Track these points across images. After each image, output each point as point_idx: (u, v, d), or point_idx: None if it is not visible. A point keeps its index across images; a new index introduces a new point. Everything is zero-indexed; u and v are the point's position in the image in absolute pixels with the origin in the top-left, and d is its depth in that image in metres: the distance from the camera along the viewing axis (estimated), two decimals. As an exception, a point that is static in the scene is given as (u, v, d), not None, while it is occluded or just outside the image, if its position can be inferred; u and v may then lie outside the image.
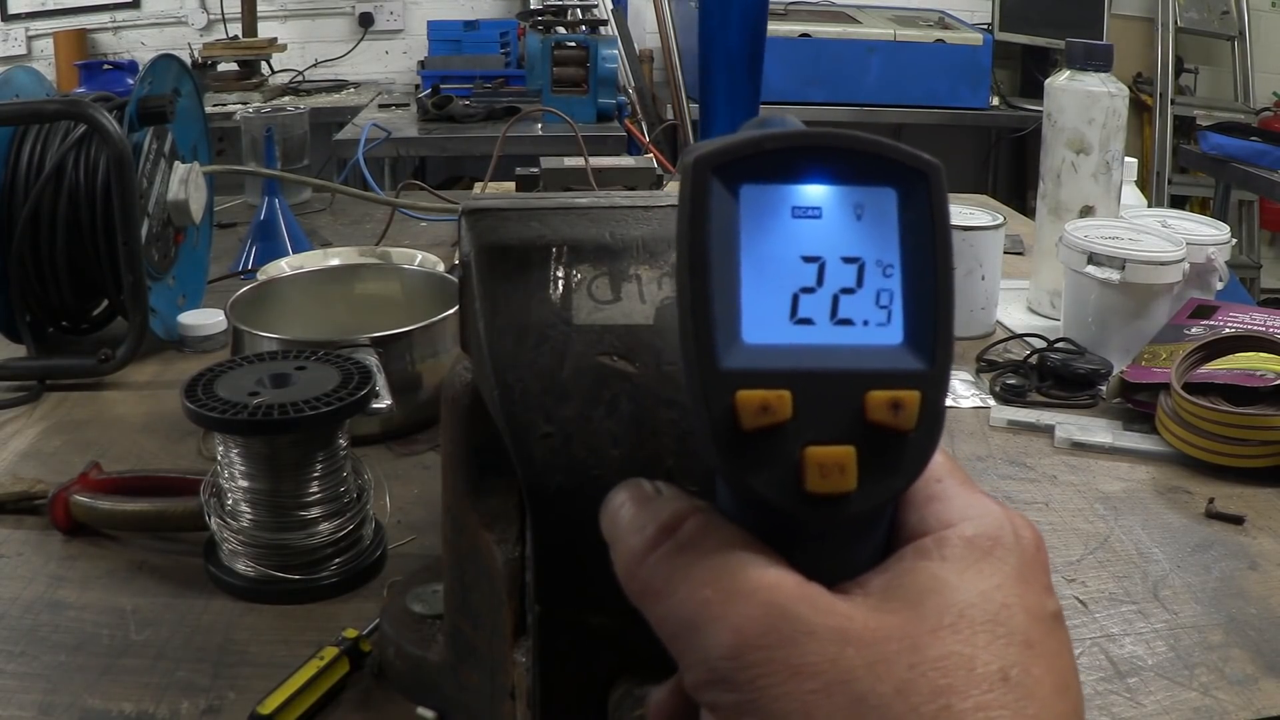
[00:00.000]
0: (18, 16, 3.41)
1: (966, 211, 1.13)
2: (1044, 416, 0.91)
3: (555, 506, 0.39)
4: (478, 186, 1.54)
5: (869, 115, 3.29)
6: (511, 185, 1.46)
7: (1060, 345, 1.02)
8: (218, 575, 0.65)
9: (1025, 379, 0.97)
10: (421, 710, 0.54)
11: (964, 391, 0.98)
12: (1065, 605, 0.66)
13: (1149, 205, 1.43)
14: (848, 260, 0.28)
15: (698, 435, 0.28)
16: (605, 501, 0.31)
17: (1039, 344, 1.03)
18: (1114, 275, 0.99)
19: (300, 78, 3.41)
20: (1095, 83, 1.12)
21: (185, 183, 1.03)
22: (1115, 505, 0.78)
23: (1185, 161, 3.29)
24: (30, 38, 3.43)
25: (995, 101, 3.47)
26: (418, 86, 3.16)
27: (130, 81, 2.50)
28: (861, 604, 0.27)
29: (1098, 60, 1.13)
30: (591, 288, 0.41)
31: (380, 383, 0.71)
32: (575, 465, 0.39)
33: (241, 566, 0.64)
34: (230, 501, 0.64)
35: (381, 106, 2.99)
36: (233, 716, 0.54)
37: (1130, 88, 1.65)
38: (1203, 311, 1.00)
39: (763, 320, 0.28)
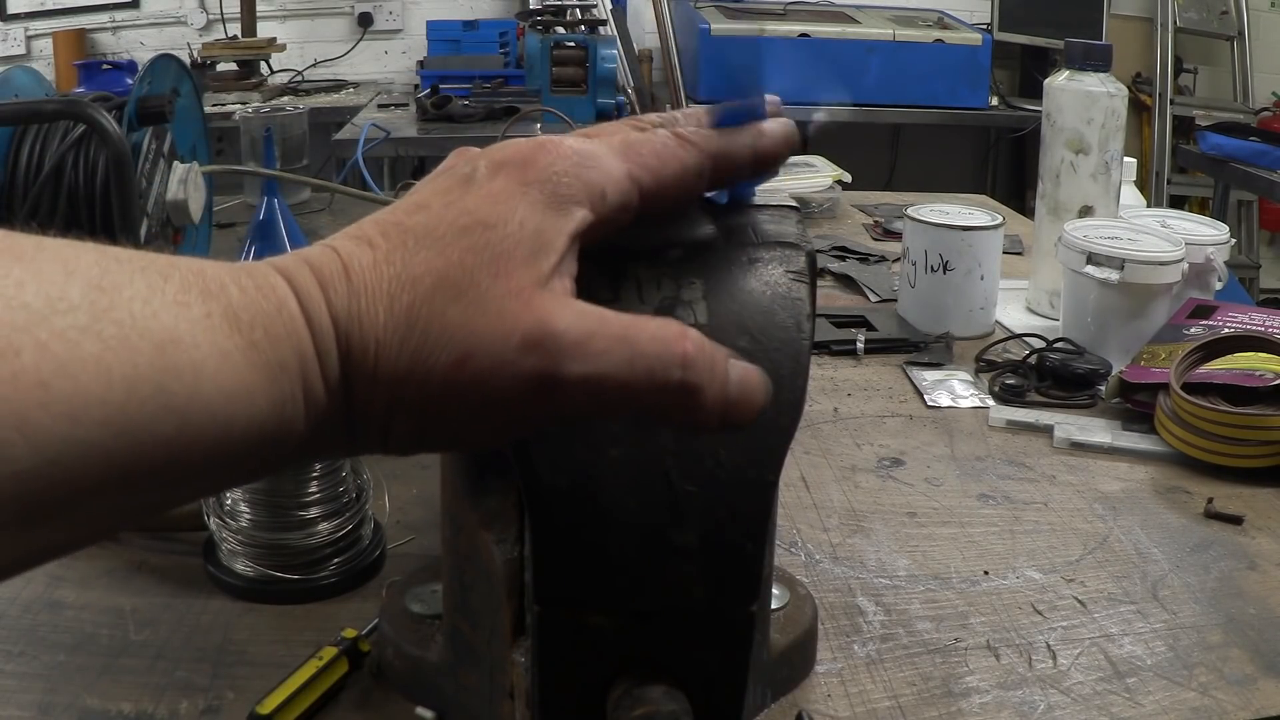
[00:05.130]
0: (17, 16, 3.41)
1: (966, 211, 1.13)
2: (1043, 416, 0.91)
3: (554, 506, 0.39)
4: (477, 186, 1.53)
5: (868, 115, 3.29)
6: (511, 185, 1.45)
7: (1059, 345, 1.02)
8: (217, 575, 0.65)
9: (1024, 379, 0.97)
10: (420, 710, 0.54)
11: (963, 391, 0.98)
12: (1064, 605, 0.66)
13: (1148, 205, 1.43)
14: None
15: None
16: None
17: (1038, 344, 1.03)
18: (1113, 275, 0.99)
19: (299, 78, 3.41)
20: (1094, 83, 1.12)
21: (184, 183, 1.03)
22: (1114, 505, 0.79)
23: (1184, 161, 3.30)
24: (29, 37, 3.42)
25: (994, 101, 3.47)
26: (417, 86, 3.16)
27: (129, 81, 2.49)
28: None
29: (1097, 60, 1.13)
30: (590, 287, 0.41)
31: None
32: (575, 465, 0.39)
33: (240, 566, 0.64)
34: (229, 501, 0.64)
35: (380, 106, 2.98)
36: (232, 716, 0.54)
37: (1129, 88, 1.65)
38: (1202, 311, 1.00)
39: None
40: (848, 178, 1.60)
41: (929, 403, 0.96)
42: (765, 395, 0.35)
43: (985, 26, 3.52)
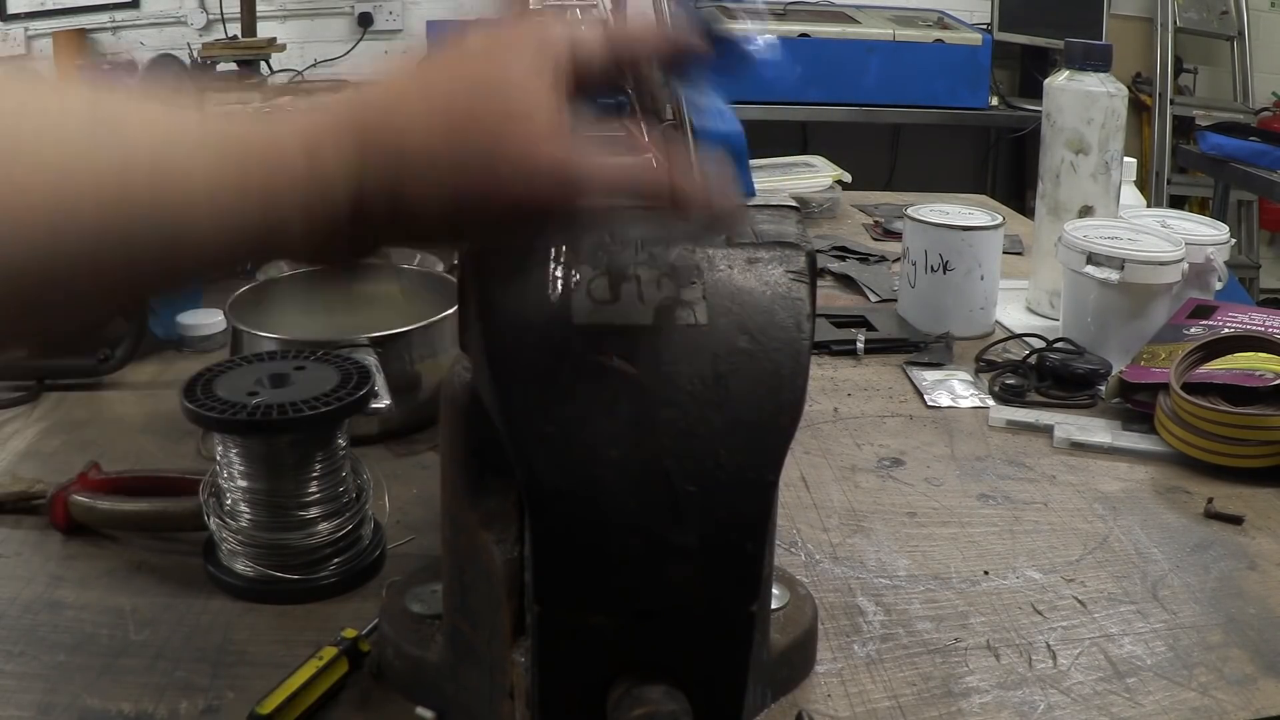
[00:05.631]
0: (17, 16, 3.41)
1: (966, 211, 1.13)
2: (1043, 416, 0.91)
3: (554, 506, 0.39)
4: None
5: (868, 115, 3.29)
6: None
7: (1059, 345, 1.02)
8: (217, 575, 0.65)
9: (1024, 379, 0.97)
10: (420, 710, 0.54)
11: (963, 391, 0.98)
12: (1064, 605, 0.66)
13: (1148, 205, 1.43)
14: None
15: None
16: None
17: (1038, 344, 1.03)
18: (1113, 275, 0.99)
19: (299, 78, 3.41)
20: (1094, 83, 1.12)
21: (184, 183, 1.03)
22: (1114, 505, 0.79)
23: (1184, 161, 3.29)
24: (30, 38, 3.42)
25: (994, 101, 3.47)
26: (417, 86, 3.15)
27: (129, 81, 2.49)
28: None
29: (1097, 60, 1.13)
30: (590, 288, 0.41)
31: (379, 382, 0.71)
32: (574, 465, 0.39)
33: (240, 566, 0.64)
34: (229, 501, 0.64)
35: (381, 106, 2.98)
36: (232, 716, 0.54)
37: (1129, 88, 1.65)
38: (1202, 311, 1.00)
39: None
40: (848, 178, 1.60)
41: (929, 403, 0.96)
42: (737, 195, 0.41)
43: (985, 26, 3.51)
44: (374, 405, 0.69)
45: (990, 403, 0.95)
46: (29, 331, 0.34)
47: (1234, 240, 1.11)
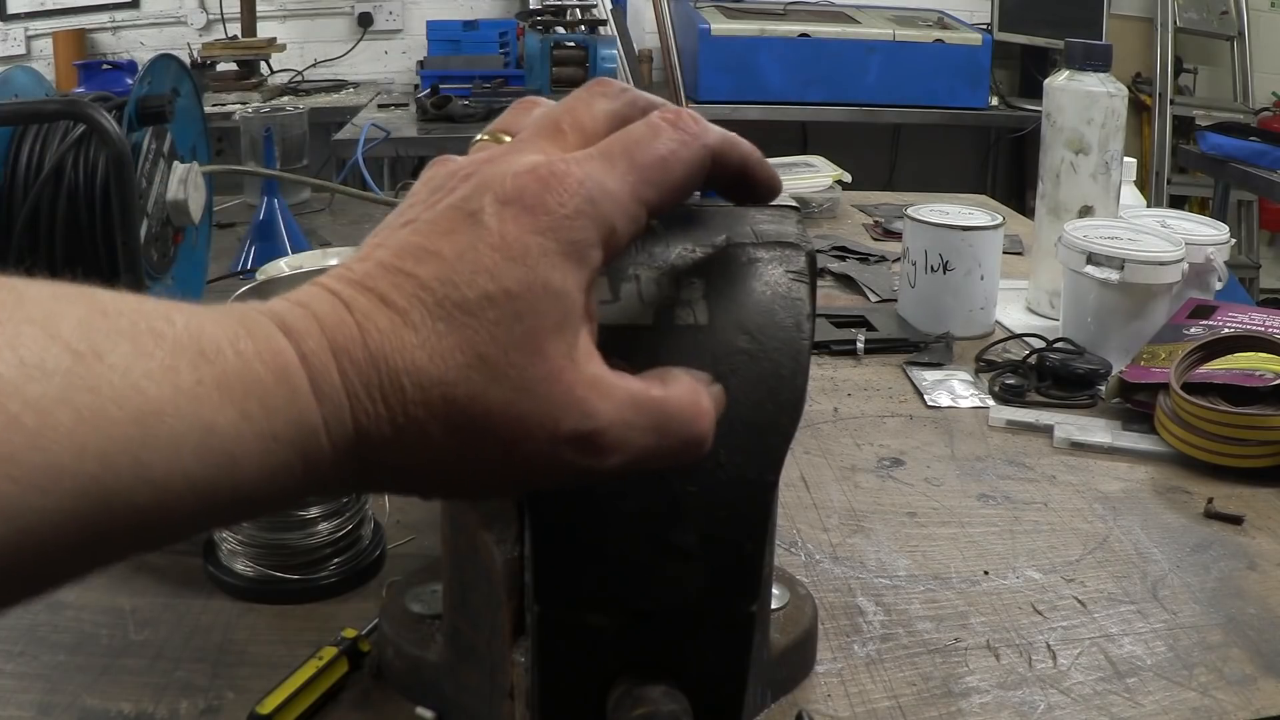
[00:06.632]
0: (17, 16, 3.41)
1: (966, 211, 1.13)
2: (1043, 416, 0.91)
3: (554, 506, 0.39)
4: (477, 186, 1.54)
5: (868, 115, 3.29)
6: (511, 185, 1.46)
7: (1059, 345, 1.02)
8: (217, 575, 0.65)
9: (1024, 379, 0.97)
10: (420, 710, 0.54)
11: (963, 391, 0.98)
12: (1064, 605, 0.66)
13: (1148, 205, 1.43)
14: None
15: None
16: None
17: (1038, 344, 1.03)
18: (1113, 275, 0.99)
19: (299, 78, 3.41)
20: (1094, 83, 1.12)
21: (184, 183, 1.03)
22: (1114, 505, 0.79)
23: (1184, 161, 3.30)
24: (29, 37, 3.42)
25: (994, 101, 3.47)
26: (417, 86, 3.15)
27: (129, 81, 2.49)
28: None
29: (1097, 60, 1.13)
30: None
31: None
32: (574, 465, 0.38)
33: (240, 566, 0.64)
34: (229, 501, 0.64)
35: (380, 106, 2.99)
36: (231, 716, 0.54)
37: (1129, 88, 1.65)
38: (1202, 311, 1.00)
39: None
40: (848, 178, 1.60)
41: (929, 403, 0.96)
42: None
43: (985, 26, 3.51)
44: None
45: (990, 403, 0.95)
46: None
47: (1234, 240, 1.11)
